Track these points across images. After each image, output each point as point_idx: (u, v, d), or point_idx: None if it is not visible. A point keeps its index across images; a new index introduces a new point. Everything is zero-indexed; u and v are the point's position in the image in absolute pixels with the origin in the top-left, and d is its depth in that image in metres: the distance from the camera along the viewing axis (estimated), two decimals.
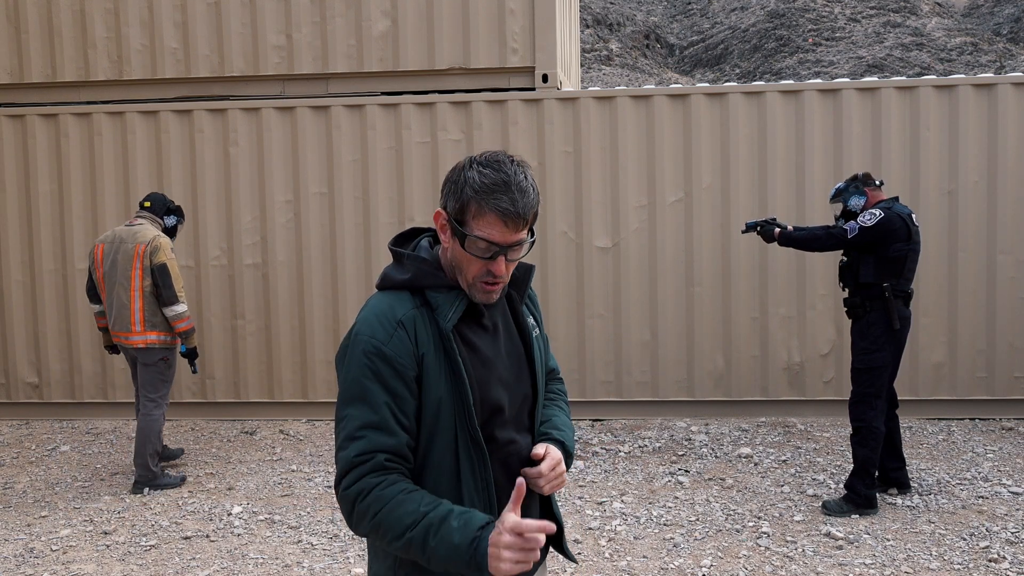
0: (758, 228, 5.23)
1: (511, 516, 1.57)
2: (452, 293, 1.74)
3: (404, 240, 1.88)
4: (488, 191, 1.65)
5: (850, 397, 5.05)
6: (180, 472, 5.90)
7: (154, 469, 5.56)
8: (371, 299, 1.78)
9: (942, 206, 6.92)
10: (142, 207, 5.78)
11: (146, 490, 5.54)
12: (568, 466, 1.86)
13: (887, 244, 4.85)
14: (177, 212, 5.92)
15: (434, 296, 1.74)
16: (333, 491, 1.72)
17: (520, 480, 1.61)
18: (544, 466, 1.77)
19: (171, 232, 5.88)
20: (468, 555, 1.56)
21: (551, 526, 1.57)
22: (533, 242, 1.76)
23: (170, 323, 5.56)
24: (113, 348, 5.90)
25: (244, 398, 7.33)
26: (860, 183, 5.13)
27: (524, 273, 1.90)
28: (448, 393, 1.70)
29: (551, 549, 2.02)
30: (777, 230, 5.13)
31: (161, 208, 5.81)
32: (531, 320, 1.94)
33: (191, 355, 5.75)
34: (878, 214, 4.86)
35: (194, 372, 5.90)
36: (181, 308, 5.57)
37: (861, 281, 4.96)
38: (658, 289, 7.07)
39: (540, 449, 1.80)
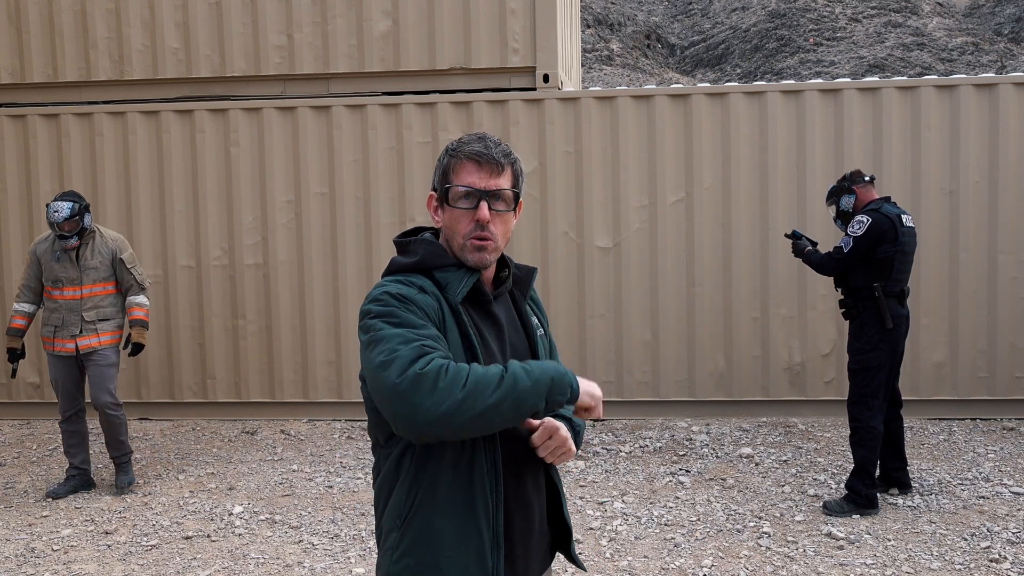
0: (797, 240, 5.32)
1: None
2: (461, 271, 1.79)
3: (407, 237, 1.92)
4: (462, 144, 1.81)
5: (848, 397, 5.07)
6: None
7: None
8: (381, 280, 1.80)
9: (943, 206, 6.91)
10: None
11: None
12: (578, 444, 1.87)
13: (876, 247, 4.88)
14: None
15: (443, 275, 1.78)
16: (387, 391, 1.61)
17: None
18: (536, 436, 1.77)
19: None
20: (568, 377, 1.70)
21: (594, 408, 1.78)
22: (519, 200, 1.84)
23: None
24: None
25: (245, 398, 7.33)
26: (848, 182, 5.16)
27: (526, 273, 1.94)
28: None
29: (558, 554, 2.01)
30: (808, 248, 5.24)
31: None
32: (534, 320, 1.97)
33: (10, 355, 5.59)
34: (865, 221, 4.89)
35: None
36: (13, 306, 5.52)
37: (851, 284, 5.00)
38: (659, 289, 7.07)
39: (535, 421, 1.78)
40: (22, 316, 5.58)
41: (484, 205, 1.77)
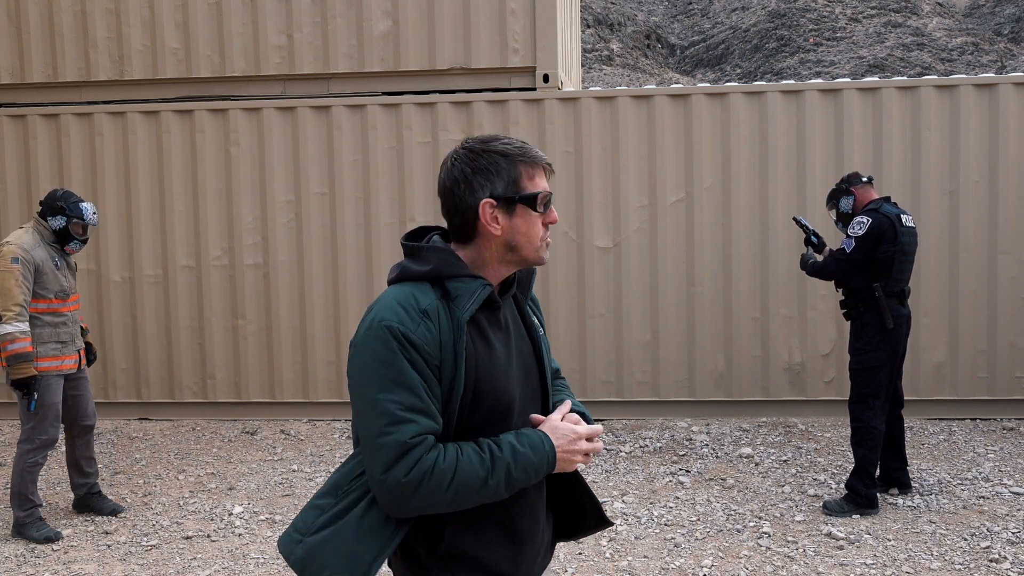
0: (806, 237, 5.32)
1: (561, 424, 1.78)
2: (474, 283, 1.74)
3: (414, 238, 1.88)
4: (526, 152, 1.78)
5: (849, 397, 5.07)
6: (56, 529, 4.88)
7: (20, 513, 4.77)
8: (389, 289, 1.76)
9: (943, 206, 6.91)
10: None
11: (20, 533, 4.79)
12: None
13: (876, 247, 4.88)
14: (63, 211, 4.88)
15: (455, 286, 1.73)
16: (371, 481, 1.67)
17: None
18: (554, 415, 1.81)
19: (62, 235, 4.91)
20: (549, 467, 1.73)
21: (598, 428, 1.81)
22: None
23: None
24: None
25: (245, 398, 7.33)
26: (846, 183, 5.17)
27: (528, 275, 1.93)
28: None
29: (558, 543, 2.02)
30: (812, 259, 5.22)
31: (46, 209, 4.90)
32: (535, 320, 1.97)
33: (18, 387, 4.63)
34: (865, 221, 4.90)
35: (29, 409, 4.68)
36: (4, 329, 4.60)
37: (851, 285, 5.00)
38: (659, 289, 7.07)
39: (540, 417, 1.83)
40: (29, 338, 4.68)
41: (553, 208, 1.82)
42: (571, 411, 1.85)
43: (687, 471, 5.75)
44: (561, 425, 1.77)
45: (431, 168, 7.16)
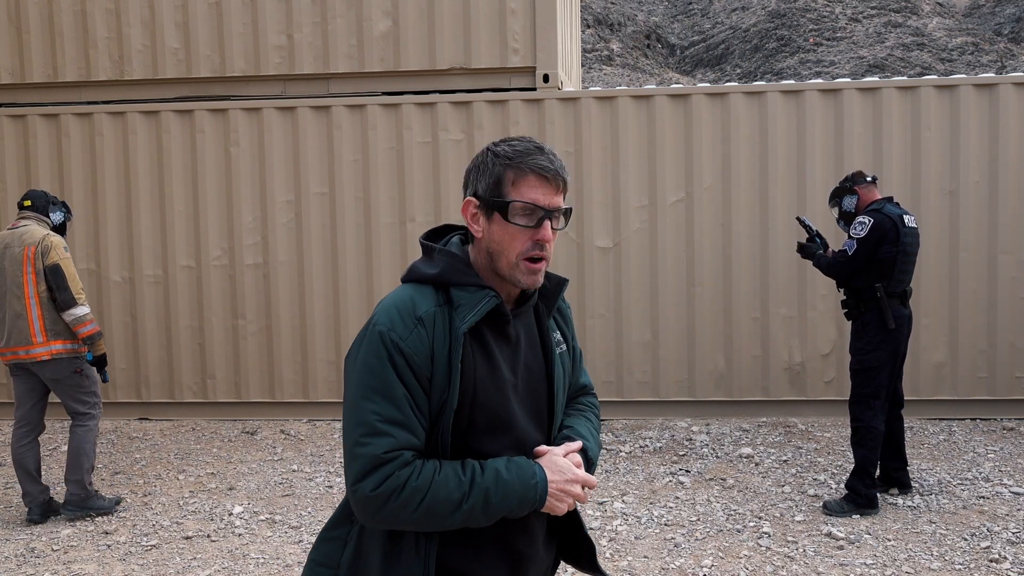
0: (809, 237, 5.31)
1: (562, 460, 1.70)
2: (479, 293, 1.66)
3: (435, 236, 1.81)
4: (523, 154, 1.66)
5: (849, 397, 5.07)
6: (115, 495, 5.38)
7: (88, 488, 5.07)
8: (396, 290, 1.72)
9: (943, 206, 6.91)
10: (22, 207, 5.17)
11: (77, 514, 5.04)
12: (591, 469, 1.81)
13: (878, 247, 4.88)
14: (63, 207, 5.29)
15: (459, 294, 1.66)
16: (346, 487, 1.63)
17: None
18: (557, 450, 1.73)
19: (60, 229, 5.24)
20: (537, 501, 1.65)
21: (594, 481, 1.73)
22: (570, 211, 1.75)
23: (71, 329, 4.97)
24: None
25: (245, 398, 7.33)
26: (850, 183, 5.17)
27: (555, 285, 1.82)
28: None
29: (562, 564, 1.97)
30: (819, 251, 5.23)
31: (43, 205, 5.18)
32: (557, 335, 1.85)
33: (99, 363, 5.14)
34: (867, 222, 4.89)
35: (104, 381, 5.26)
36: (81, 311, 4.96)
37: (853, 285, 5.00)
38: (659, 289, 7.07)
39: (545, 448, 1.75)
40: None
41: (548, 224, 1.67)
42: (579, 451, 1.77)
43: (687, 471, 5.75)
44: (561, 461, 1.70)
45: (431, 168, 7.16)
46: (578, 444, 1.78)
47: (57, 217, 5.21)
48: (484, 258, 1.71)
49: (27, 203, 5.16)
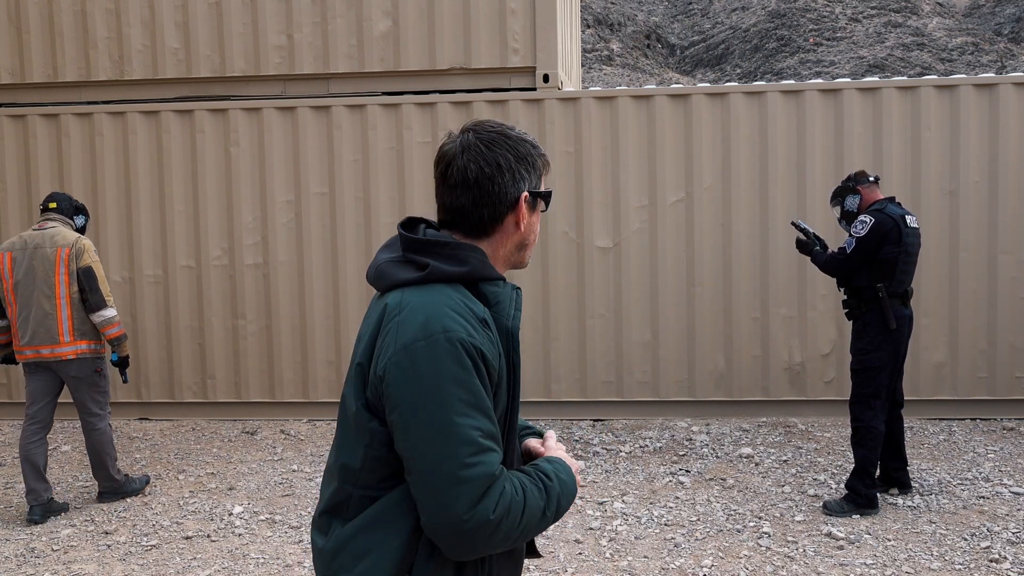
0: (804, 237, 5.31)
1: (565, 455, 1.70)
2: (507, 287, 1.60)
3: (409, 229, 1.70)
4: (532, 146, 1.66)
5: (850, 397, 5.07)
6: (144, 474, 5.72)
7: (118, 477, 5.36)
8: (425, 292, 1.53)
9: (943, 206, 6.91)
10: (47, 209, 5.30)
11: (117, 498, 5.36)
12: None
13: (879, 248, 4.87)
14: (84, 211, 5.49)
15: (492, 290, 1.57)
16: (440, 518, 1.46)
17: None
18: (551, 443, 1.75)
19: (81, 232, 5.41)
20: (574, 498, 1.66)
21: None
22: None
23: (99, 330, 5.14)
24: (9, 359, 5.34)
25: (245, 398, 7.33)
26: (853, 182, 5.16)
27: None
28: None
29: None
30: (816, 247, 5.23)
31: (69, 208, 5.35)
32: None
33: (123, 364, 5.34)
34: (868, 221, 4.89)
35: (124, 381, 5.48)
36: (110, 313, 5.14)
37: (854, 284, 5.00)
38: (659, 289, 7.07)
39: (535, 441, 1.77)
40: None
41: None
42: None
43: (687, 471, 5.75)
44: (565, 455, 1.70)
45: (431, 168, 7.13)
46: (552, 434, 1.79)
47: (79, 221, 5.41)
48: (509, 250, 1.65)
49: (52, 205, 5.32)
